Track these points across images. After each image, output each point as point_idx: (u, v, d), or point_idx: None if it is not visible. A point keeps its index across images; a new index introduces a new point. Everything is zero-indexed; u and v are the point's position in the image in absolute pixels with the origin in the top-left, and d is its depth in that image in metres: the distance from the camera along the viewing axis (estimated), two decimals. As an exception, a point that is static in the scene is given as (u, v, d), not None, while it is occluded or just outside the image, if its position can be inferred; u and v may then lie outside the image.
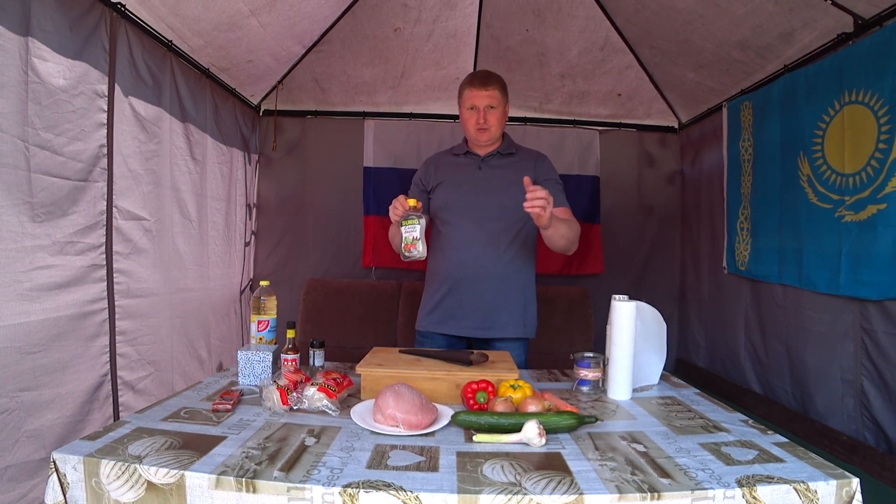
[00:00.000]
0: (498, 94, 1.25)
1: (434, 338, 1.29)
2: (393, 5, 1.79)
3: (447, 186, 1.28)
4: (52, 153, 1.03)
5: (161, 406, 0.90)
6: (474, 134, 1.26)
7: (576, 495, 0.62)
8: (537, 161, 1.30)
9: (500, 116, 1.26)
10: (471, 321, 1.25)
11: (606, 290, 1.27)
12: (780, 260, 1.58)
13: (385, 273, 2.33)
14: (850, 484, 0.67)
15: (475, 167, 1.29)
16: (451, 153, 1.36)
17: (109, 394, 1.19)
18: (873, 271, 1.23)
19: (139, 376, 1.30)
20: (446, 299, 1.26)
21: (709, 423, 0.87)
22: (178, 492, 0.65)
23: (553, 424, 0.80)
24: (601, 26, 1.87)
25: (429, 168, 1.35)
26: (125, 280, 1.26)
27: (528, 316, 1.29)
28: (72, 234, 1.09)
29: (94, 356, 1.16)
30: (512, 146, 1.33)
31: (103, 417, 1.17)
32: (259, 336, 1.11)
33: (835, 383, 1.38)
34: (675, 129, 2.38)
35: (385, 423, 0.81)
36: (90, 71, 1.15)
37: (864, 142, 1.25)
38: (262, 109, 2.27)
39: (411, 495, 0.62)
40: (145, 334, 1.33)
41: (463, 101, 1.27)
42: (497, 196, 1.25)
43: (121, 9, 1.25)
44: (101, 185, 1.18)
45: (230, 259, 1.95)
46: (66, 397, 1.08)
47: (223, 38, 1.59)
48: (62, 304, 1.07)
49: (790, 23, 1.42)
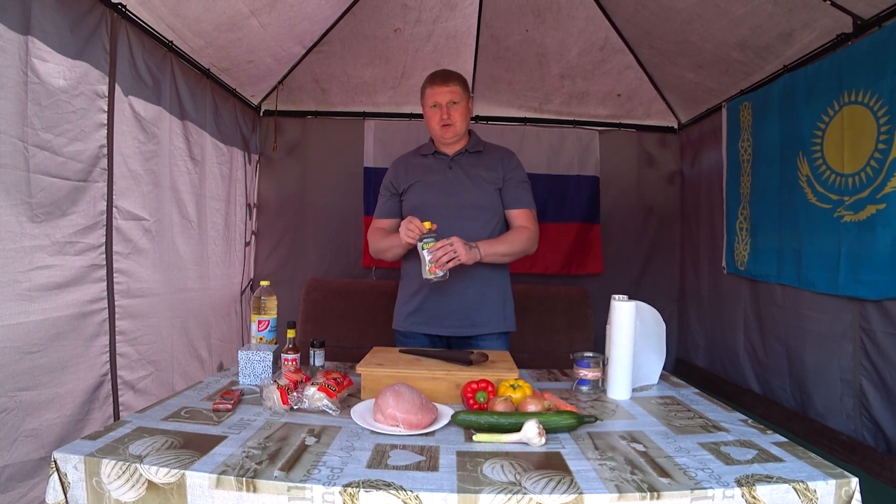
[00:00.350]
0: (459, 89, 1.25)
1: (416, 337, 1.30)
2: (393, 6, 1.79)
3: (419, 188, 1.29)
4: (51, 153, 1.03)
5: (161, 406, 0.90)
6: (439, 131, 1.26)
7: (575, 495, 0.62)
8: (504, 159, 1.31)
9: (464, 112, 1.26)
10: (453, 321, 1.26)
11: (606, 290, 1.27)
12: (779, 260, 1.58)
13: (385, 273, 2.33)
14: (849, 483, 0.67)
15: (445, 167, 1.29)
16: (419, 154, 1.35)
17: (109, 393, 1.19)
18: (872, 271, 1.23)
19: (139, 376, 1.30)
20: (428, 300, 1.27)
21: (708, 423, 0.87)
22: (178, 491, 0.65)
23: (553, 424, 0.80)
24: (601, 27, 1.87)
25: (398, 171, 1.34)
26: (125, 280, 1.26)
27: (507, 310, 1.31)
28: (71, 235, 1.09)
29: (93, 356, 1.16)
30: (479, 143, 1.33)
31: (103, 417, 1.17)
32: (259, 336, 1.12)
33: (834, 383, 1.38)
34: (674, 129, 2.39)
35: (385, 422, 0.81)
36: (90, 71, 1.15)
37: (863, 142, 1.25)
38: (262, 110, 2.27)
39: (411, 495, 0.62)
40: (145, 334, 1.33)
41: (425, 101, 1.27)
42: (469, 194, 1.26)
43: (122, 9, 1.25)
44: (101, 186, 1.18)
45: (230, 259, 1.95)
46: (66, 397, 1.08)
47: (224, 39, 1.60)
48: (62, 304, 1.07)
49: (789, 23, 1.42)
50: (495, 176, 1.28)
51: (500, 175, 1.28)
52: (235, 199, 1.99)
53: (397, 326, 1.34)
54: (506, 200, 1.29)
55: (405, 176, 1.32)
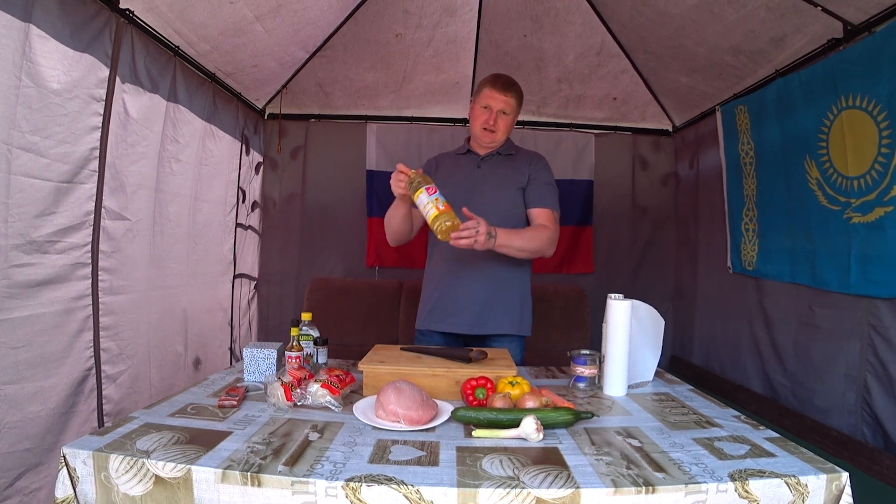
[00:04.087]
0: (514, 102, 1.26)
1: (432, 336, 1.31)
2: (394, 11, 1.82)
3: (444, 184, 1.29)
4: (36, 155, 1.04)
5: (168, 402, 0.91)
6: (479, 133, 1.28)
7: (572, 489, 0.63)
8: (532, 161, 1.32)
9: (510, 123, 1.28)
10: (465, 318, 1.26)
11: (602, 289, 1.29)
12: (791, 260, 1.59)
13: (388, 273, 2.36)
14: (839, 478, 0.68)
15: (474, 166, 1.31)
16: (455, 153, 1.38)
17: (94, 387, 1.20)
18: (884, 270, 1.24)
19: (119, 370, 1.31)
20: (442, 297, 1.28)
21: (702, 419, 0.89)
22: (185, 486, 0.66)
23: (550, 420, 0.81)
24: (597, 32, 1.90)
25: (430, 166, 1.36)
26: (109, 277, 1.28)
27: (524, 313, 1.30)
28: (51, 234, 1.09)
29: (78, 351, 1.17)
30: (512, 148, 1.34)
31: (88, 410, 1.18)
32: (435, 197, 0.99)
33: (838, 379, 1.39)
34: (669, 132, 2.42)
35: (387, 418, 0.82)
36: (88, 75, 1.16)
37: (866, 146, 1.27)
38: (266, 113, 2.30)
39: (412, 489, 0.63)
40: (125, 329, 1.34)
41: (478, 98, 1.27)
42: (493, 194, 1.26)
43: (129, 15, 1.27)
44: (89, 187, 1.19)
45: (218, 256, 1.96)
46: (50, 391, 1.08)
47: (229, 44, 1.62)
48: (46, 301, 1.08)
49: (781, 28, 1.45)
50: (521, 177, 1.28)
51: (526, 176, 1.28)
52: (227, 201, 2.00)
53: (417, 325, 1.35)
54: (528, 199, 1.28)
55: (435, 172, 1.33)
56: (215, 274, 1.95)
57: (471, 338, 1.29)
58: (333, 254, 2.36)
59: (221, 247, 1.98)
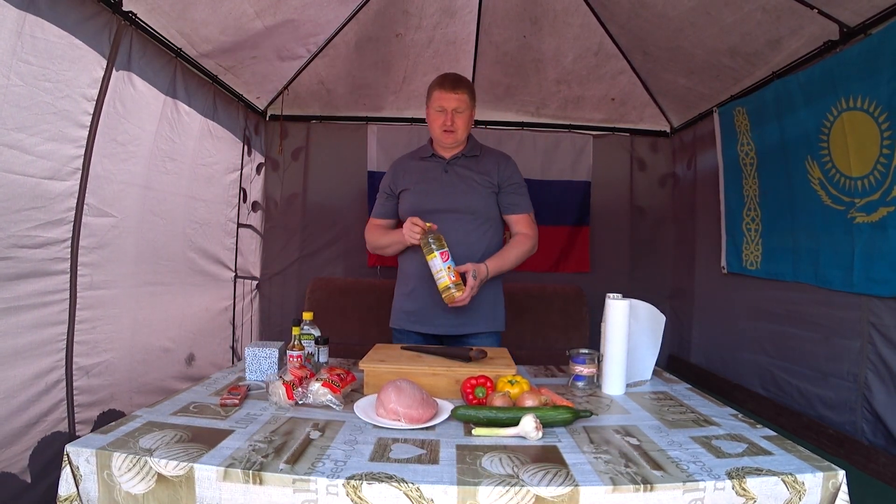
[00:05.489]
0: (467, 98, 1.27)
1: (410, 336, 1.32)
2: (394, 12, 1.83)
3: (414, 190, 1.31)
4: (20, 152, 1.05)
5: (171, 401, 0.92)
6: (440, 135, 1.29)
7: (571, 487, 0.64)
8: (500, 163, 1.33)
9: (467, 120, 1.28)
10: (445, 320, 1.28)
11: (600, 289, 1.30)
12: (794, 259, 1.60)
13: (390, 273, 2.36)
14: (836, 476, 0.69)
15: (441, 170, 1.31)
16: (417, 157, 1.37)
17: (62, 378, 1.20)
18: (886, 269, 1.26)
19: (94, 362, 1.32)
20: (420, 300, 1.29)
21: (700, 418, 0.90)
22: (187, 484, 0.67)
23: (549, 419, 0.82)
24: (595, 33, 1.91)
25: (396, 173, 1.36)
26: (89, 273, 1.28)
27: (497, 311, 1.33)
28: (28, 229, 1.10)
29: (49, 343, 1.17)
30: (476, 147, 1.35)
31: (53, 401, 1.18)
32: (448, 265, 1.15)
33: (838, 376, 1.40)
34: (667, 133, 2.43)
35: (387, 417, 0.83)
36: (82, 74, 1.17)
37: (868, 147, 1.28)
38: (268, 114, 2.31)
39: (412, 487, 0.64)
40: (106, 324, 1.34)
41: (431, 102, 1.29)
42: (463, 198, 1.28)
43: (131, 17, 1.27)
44: (71, 184, 1.19)
45: (220, 257, 1.97)
46: (14, 380, 1.08)
47: (230, 44, 1.63)
48: (22, 294, 1.09)
49: (778, 30, 1.46)
50: (491, 180, 1.30)
51: (496, 180, 1.30)
52: (227, 200, 2.01)
53: (393, 324, 1.36)
54: (504, 206, 1.32)
55: (402, 179, 1.34)
56: (214, 273, 1.95)
57: (447, 337, 1.31)
58: (334, 254, 2.38)
59: (221, 246, 1.99)
